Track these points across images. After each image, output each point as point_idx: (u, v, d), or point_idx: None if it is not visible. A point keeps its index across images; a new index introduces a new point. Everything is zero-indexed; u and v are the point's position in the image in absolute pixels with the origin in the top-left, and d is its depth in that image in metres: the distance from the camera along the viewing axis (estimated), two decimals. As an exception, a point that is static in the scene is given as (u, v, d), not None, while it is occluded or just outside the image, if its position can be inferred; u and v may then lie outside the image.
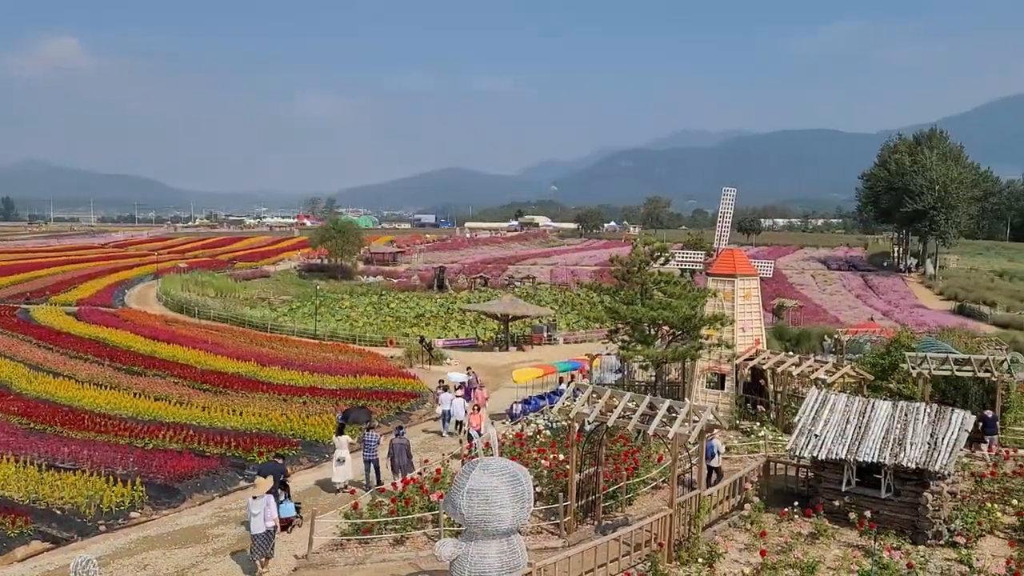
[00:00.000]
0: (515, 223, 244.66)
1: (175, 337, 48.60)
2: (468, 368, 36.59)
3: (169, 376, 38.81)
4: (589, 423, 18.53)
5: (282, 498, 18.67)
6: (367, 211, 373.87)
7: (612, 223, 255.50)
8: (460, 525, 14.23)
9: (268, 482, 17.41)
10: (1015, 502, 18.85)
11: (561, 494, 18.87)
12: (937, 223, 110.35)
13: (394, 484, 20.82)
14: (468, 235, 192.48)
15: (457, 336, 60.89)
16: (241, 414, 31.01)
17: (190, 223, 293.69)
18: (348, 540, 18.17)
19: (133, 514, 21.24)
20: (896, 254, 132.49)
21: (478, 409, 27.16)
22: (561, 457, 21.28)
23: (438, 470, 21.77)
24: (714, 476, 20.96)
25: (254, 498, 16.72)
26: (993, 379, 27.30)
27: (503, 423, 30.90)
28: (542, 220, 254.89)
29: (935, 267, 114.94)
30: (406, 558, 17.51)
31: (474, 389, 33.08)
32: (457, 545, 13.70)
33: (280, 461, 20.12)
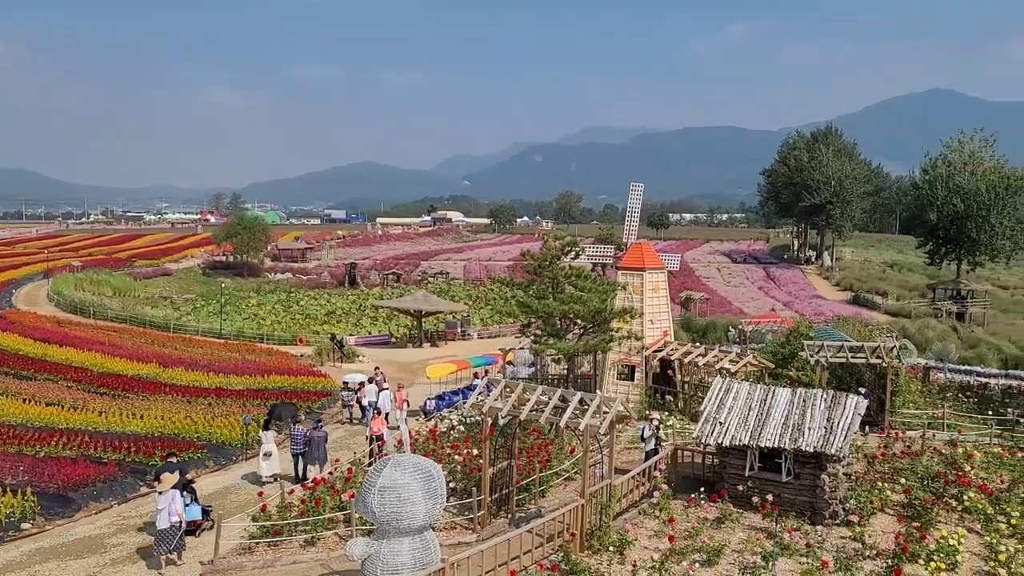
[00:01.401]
0: (428, 218, 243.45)
1: (68, 339, 46.27)
2: (376, 368, 36.08)
3: (62, 380, 36.95)
4: (502, 417, 18.58)
5: (188, 501, 18.04)
6: (274, 207, 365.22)
7: (525, 218, 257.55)
8: (372, 524, 14.05)
9: (173, 477, 17.31)
10: (903, 481, 19.90)
11: (475, 489, 18.89)
12: (833, 217, 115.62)
13: (315, 480, 20.50)
14: (380, 231, 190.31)
15: (370, 333, 60.19)
16: (142, 418, 29.78)
17: (84, 220, 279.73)
18: (257, 544, 17.70)
19: (24, 525, 20.14)
20: (796, 247, 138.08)
21: (379, 413, 26.74)
22: (475, 452, 21.29)
23: (349, 469, 21.46)
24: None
25: (159, 493, 16.75)
26: (884, 365, 28.77)
27: (417, 419, 30.74)
28: (455, 215, 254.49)
29: (832, 259, 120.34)
30: (317, 559, 17.19)
31: (383, 390, 32.72)
32: (369, 544, 13.53)
33: (174, 461, 19.44)
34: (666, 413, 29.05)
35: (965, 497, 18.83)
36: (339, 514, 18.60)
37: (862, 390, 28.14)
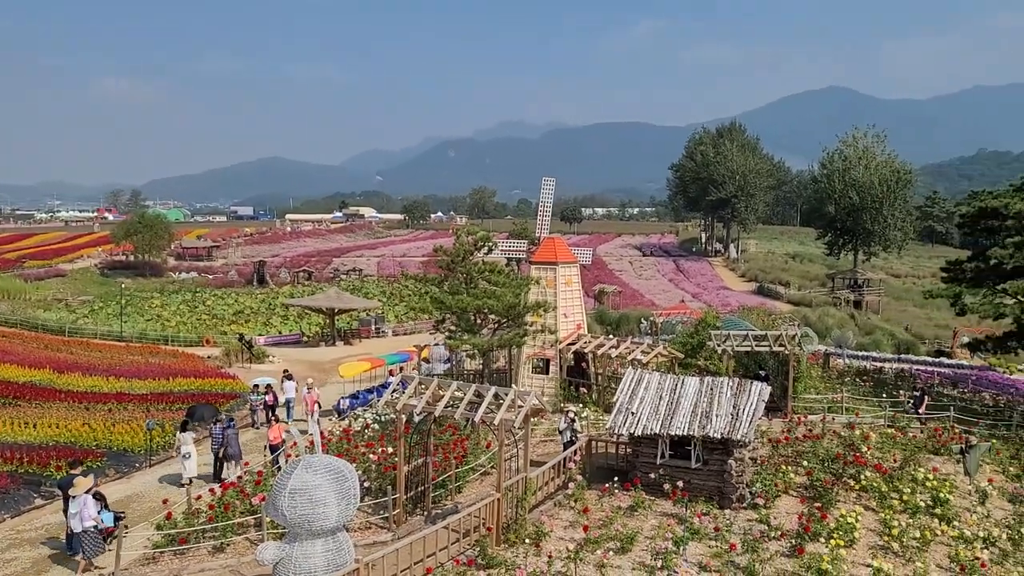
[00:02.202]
0: (340, 215, 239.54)
1: (-49, 345, 43.49)
2: (285, 371, 35.12)
3: (-56, 389, 34.66)
4: (417, 414, 18.44)
5: (99, 508, 17.31)
6: (178, 204, 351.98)
7: (439, 213, 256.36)
8: (284, 527, 13.72)
9: (87, 482, 17.02)
10: (805, 463, 20.73)
11: (390, 487, 18.69)
12: (738, 210, 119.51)
13: (223, 484, 19.89)
14: (289, 228, 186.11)
15: (280, 332, 58.79)
16: (35, 426, 28.22)
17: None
18: (162, 553, 17.04)
19: (-96, 546, 18.80)
20: (704, 240, 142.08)
21: (277, 420, 26.11)
22: (390, 450, 21.08)
23: (260, 472, 20.91)
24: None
25: (72, 497, 16.49)
26: (786, 352, 29.86)
27: (330, 419, 30.21)
28: (368, 211, 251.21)
29: (738, 251, 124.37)
30: (227, 565, 16.67)
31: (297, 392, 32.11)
32: (280, 547, 13.20)
33: (77, 472, 18.58)
34: (581, 405, 29.38)
35: (862, 477, 19.77)
36: (250, 518, 18.10)
37: (761, 372, 29.41)
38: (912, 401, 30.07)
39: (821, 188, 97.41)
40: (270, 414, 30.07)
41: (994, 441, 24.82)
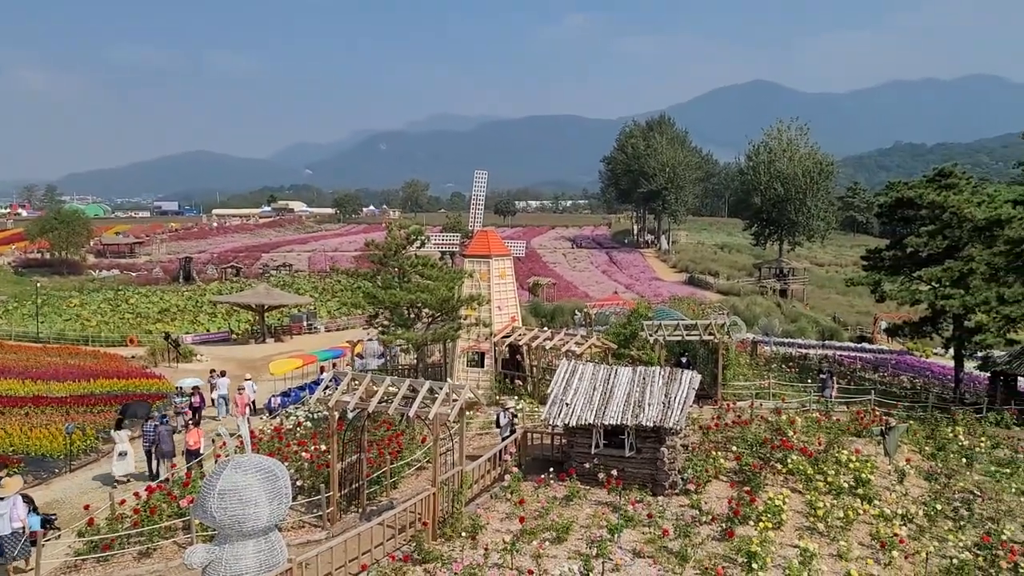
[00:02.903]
0: (268, 209, 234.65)
1: None
2: (212, 371, 34.06)
3: None
4: (351, 411, 18.20)
5: (27, 511, 16.64)
6: (97, 199, 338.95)
7: (371, 207, 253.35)
8: (213, 529, 13.37)
9: (16, 482, 16.67)
10: (735, 448, 21.25)
11: (323, 485, 18.42)
12: (669, 202, 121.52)
13: (148, 488, 19.22)
14: (216, 223, 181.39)
15: (208, 330, 57.30)
16: (-56, 434, 26.79)
17: None
18: (84, 560, 16.42)
19: None
20: (636, 232, 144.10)
21: (197, 424, 25.09)
22: (323, 448, 20.77)
23: (188, 473, 20.34)
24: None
25: (1, 499, 16.04)
26: (716, 341, 30.51)
27: (261, 418, 29.61)
28: (297, 206, 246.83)
29: (668, 243, 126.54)
30: (154, 571, 16.17)
31: (217, 394, 31.35)
32: (209, 550, 12.84)
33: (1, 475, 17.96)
34: (516, 397, 29.49)
35: (789, 460, 20.35)
36: (178, 521, 17.60)
37: (684, 358, 30.11)
38: (819, 385, 31.09)
39: (747, 180, 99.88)
40: (196, 417, 29.16)
41: (911, 422, 25.86)
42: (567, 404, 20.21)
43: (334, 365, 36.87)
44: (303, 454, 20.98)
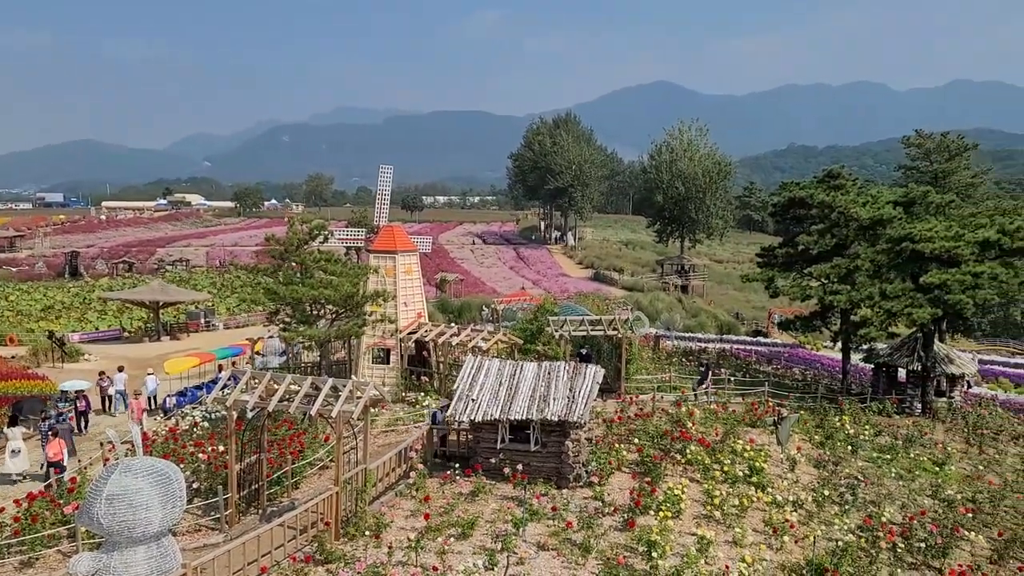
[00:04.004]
0: (164, 202, 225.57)
1: None
2: (101, 373, 32.13)
3: None
4: (250, 410, 17.67)
5: None
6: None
7: (273, 201, 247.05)
8: (101, 536, 12.74)
9: None
10: (636, 440, 21.72)
11: (221, 487, 17.83)
12: (575, 199, 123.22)
13: (30, 495, 18.11)
14: (105, 216, 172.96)
15: (97, 328, 54.55)
16: None
17: None
18: (-43, 575, 15.38)
19: None
20: (543, 228, 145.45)
21: (55, 435, 23.49)
22: (221, 448, 20.10)
23: (73, 479, 19.32)
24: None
25: None
26: (619, 336, 31.13)
27: (155, 419, 28.42)
28: (195, 199, 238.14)
29: (575, 239, 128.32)
30: (36, 584, 15.30)
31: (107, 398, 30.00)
32: (96, 558, 12.24)
33: None
34: (422, 394, 29.31)
35: (688, 451, 20.96)
36: (62, 529, 16.69)
37: (583, 350, 30.65)
38: (698, 378, 32.00)
39: (650, 179, 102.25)
40: (84, 422, 27.65)
41: (802, 412, 27.08)
42: (473, 400, 20.21)
43: (233, 363, 35.75)
44: (200, 455, 20.27)
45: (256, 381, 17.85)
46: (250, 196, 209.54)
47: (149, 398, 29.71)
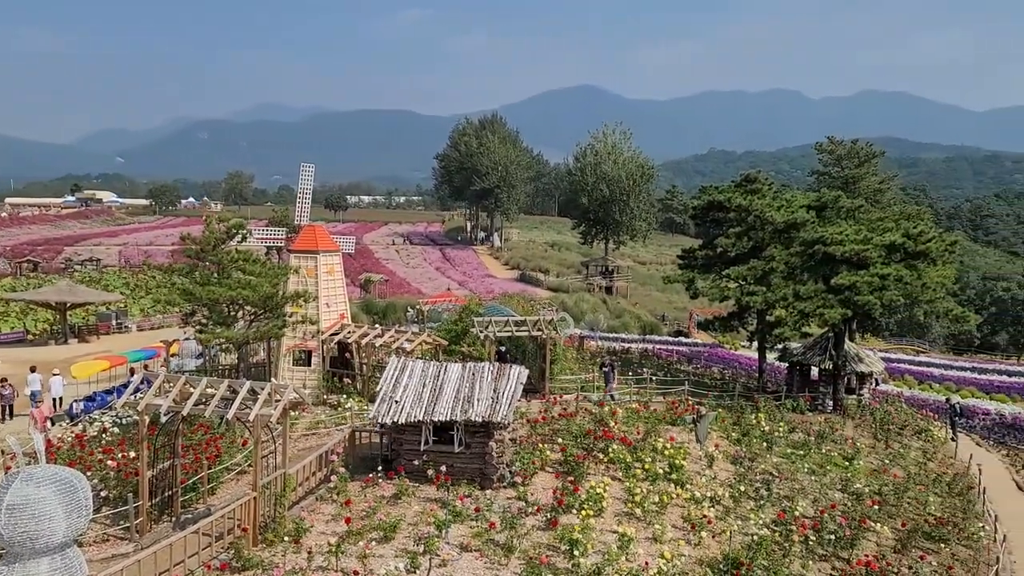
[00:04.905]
0: (72, 199, 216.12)
1: None
2: (3, 380, 30.57)
3: None
4: (163, 414, 17.07)
5: None
6: None
7: (191, 199, 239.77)
8: (1, 547, 12.11)
9: None
10: (560, 440, 21.90)
11: (132, 494, 17.16)
12: (501, 200, 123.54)
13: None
14: (8, 213, 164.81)
15: None
16: None
17: None
18: None
19: None
20: (469, 229, 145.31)
21: None
22: (132, 454, 19.35)
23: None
24: None
25: None
26: (544, 337, 31.32)
27: (61, 425, 27.17)
28: (106, 196, 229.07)
29: (501, 240, 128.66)
30: (-73, 602, 14.41)
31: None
32: (-5, 573, 11.64)
33: None
34: (345, 396, 28.88)
35: (610, 449, 21.24)
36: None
37: (502, 348, 30.76)
38: (604, 377, 32.14)
39: (575, 181, 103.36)
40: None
41: (720, 410, 27.79)
42: (396, 401, 20.02)
43: (146, 367, 34.50)
44: (109, 462, 19.45)
45: (170, 384, 17.26)
46: (166, 194, 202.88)
47: (54, 400, 28.41)
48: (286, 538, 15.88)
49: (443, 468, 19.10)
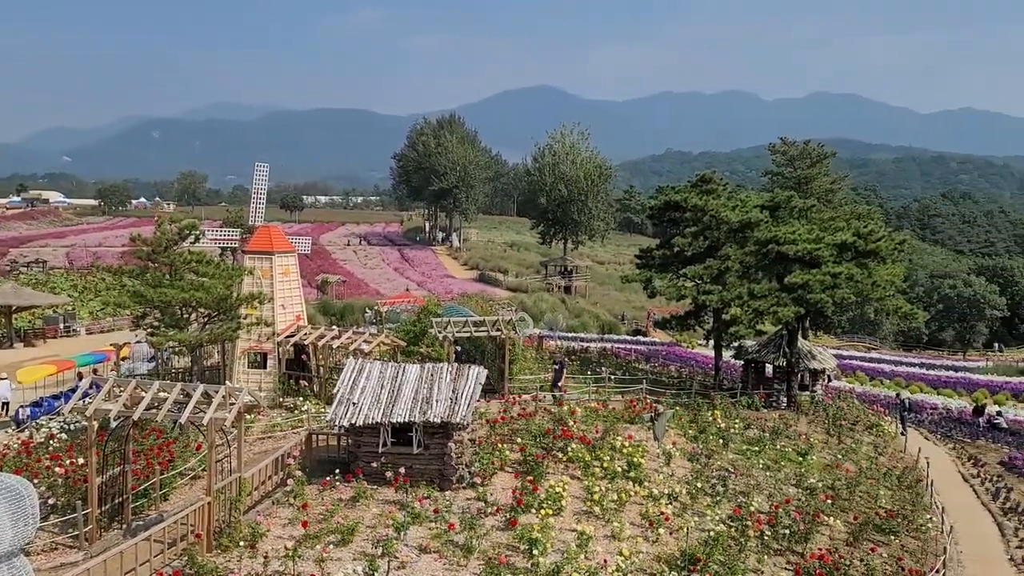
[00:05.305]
0: (17, 199, 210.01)
1: None
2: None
3: None
4: (113, 419, 16.70)
5: None
6: None
7: (143, 199, 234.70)
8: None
9: None
10: (519, 440, 21.91)
11: (81, 502, 16.75)
12: (459, 200, 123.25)
13: None
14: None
15: (-60, 335, 50.25)
16: None
17: None
18: None
19: None
20: (427, 229, 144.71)
21: None
22: (81, 461, 18.89)
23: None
24: None
25: None
26: (503, 337, 31.30)
27: (7, 431, 26.43)
28: (53, 196, 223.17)
29: (460, 240, 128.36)
30: None
31: None
32: (-64, 586, 11.25)
33: None
34: (301, 399, 28.56)
35: (569, 448, 21.32)
36: None
37: (458, 348, 30.64)
38: (553, 376, 31.96)
39: (534, 181, 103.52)
40: None
41: (677, 408, 28.08)
42: (354, 403, 19.85)
43: (95, 371, 33.75)
44: (57, 469, 18.98)
45: (120, 389, 16.89)
46: (116, 194, 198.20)
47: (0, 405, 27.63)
48: (242, 543, 15.65)
49: (402, 470, 18.99)
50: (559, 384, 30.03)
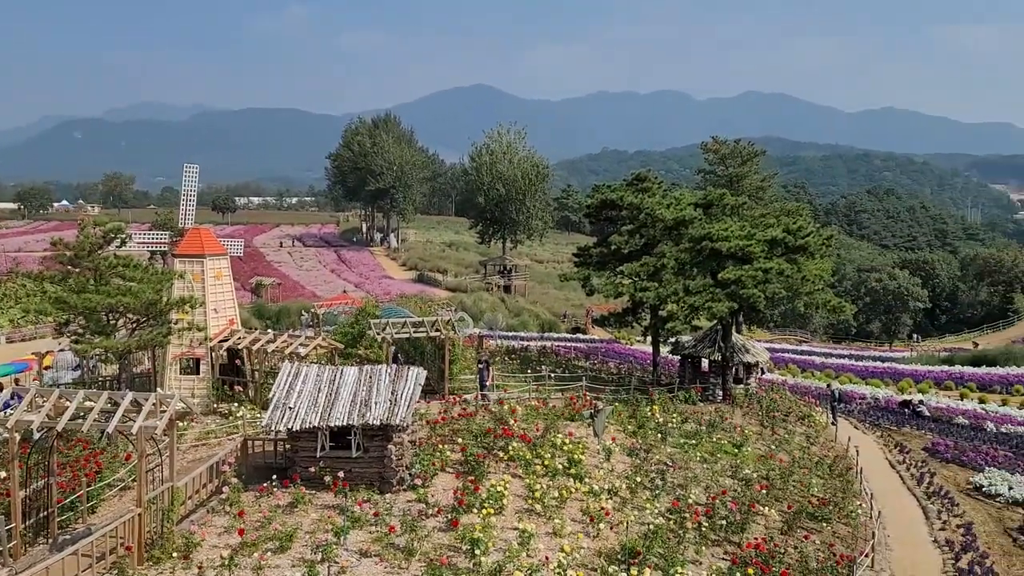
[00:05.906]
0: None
1: None
2: None
3: None
4: (36, 430, 16.03)
5: None
6: None
7: (65, 202, 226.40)
8: None
9: None
10: (460, 440, 21.85)
11: (3, 516, 16.02)
12: (397, 200, 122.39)
13: None
14: None
15: None
16: None
17: None
18: None
19: None
20: (365, 230, 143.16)
21: None
22: (2, 475, 18.08)
23: None
24: None
25: None
26: (442, 337, 31.14)
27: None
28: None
29: (398, 240, 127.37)
30: None
31: None
32: None
33: None
34: (236, 405, 27.91)
35: (510, 447, 21.34)
36: None
37: (394, 349, 30.39)
38: (478, 376, 31.71)
39: (472, 180, 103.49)
40: None
41: (616, 404, 28.36)
42: (291, 408, 19.48)
43: (16, 381, 32.38)
44: (-24, 485, 18.10)
45: (43, 399, 16.23)
46: (36, 196, 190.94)
47: None
48: (175, 554, 15.22)
49: (341, 474, 18.71)
50: (487, 384, 29.87)
